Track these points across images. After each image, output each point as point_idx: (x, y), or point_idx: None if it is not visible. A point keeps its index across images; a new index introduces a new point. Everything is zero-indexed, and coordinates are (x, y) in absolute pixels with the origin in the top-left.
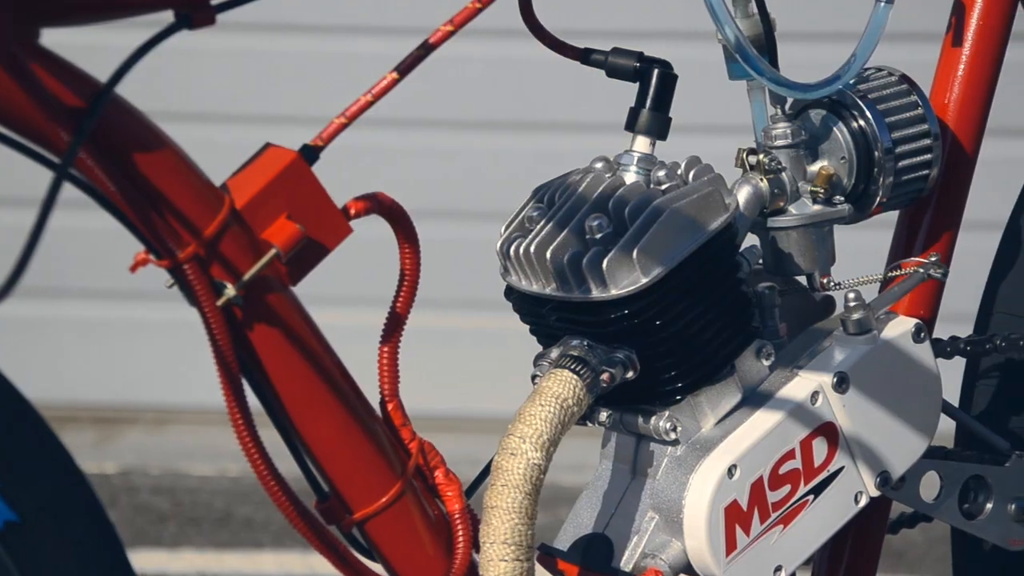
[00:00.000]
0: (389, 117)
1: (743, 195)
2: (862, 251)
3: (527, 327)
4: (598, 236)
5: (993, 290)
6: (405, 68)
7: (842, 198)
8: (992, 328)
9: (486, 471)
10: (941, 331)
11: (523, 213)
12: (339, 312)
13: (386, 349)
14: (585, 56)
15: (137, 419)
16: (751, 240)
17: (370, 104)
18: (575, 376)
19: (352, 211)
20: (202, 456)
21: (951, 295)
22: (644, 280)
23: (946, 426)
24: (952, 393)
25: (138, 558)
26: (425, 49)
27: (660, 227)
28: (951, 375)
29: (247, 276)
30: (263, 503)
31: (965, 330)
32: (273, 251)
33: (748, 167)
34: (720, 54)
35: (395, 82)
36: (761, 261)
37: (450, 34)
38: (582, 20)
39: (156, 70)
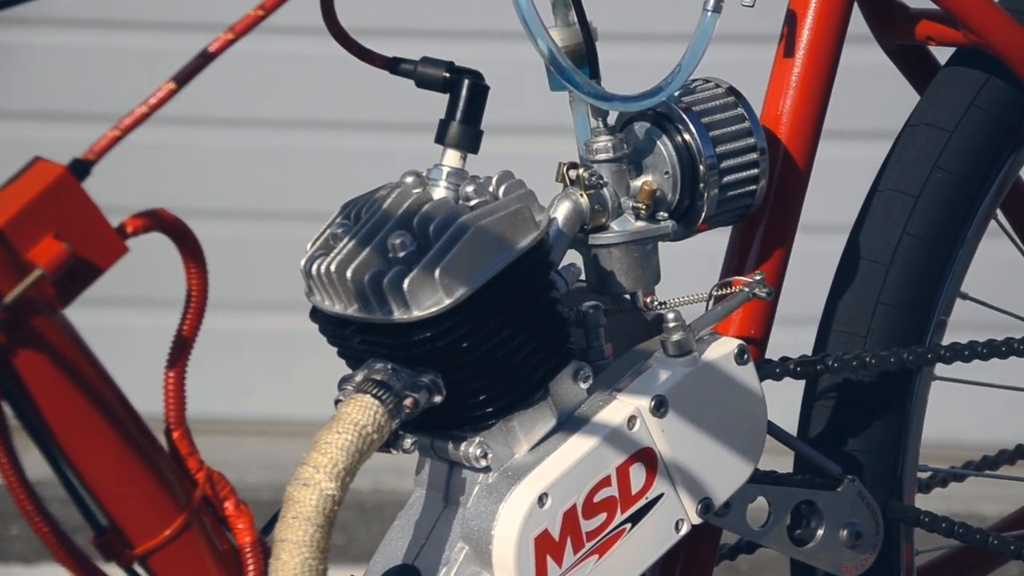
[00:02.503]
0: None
1: (562, 211)
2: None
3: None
4: (401, 254)
5: (832, 308)
6: (183, 78)
7: (666, 214)
8: (830, 347)
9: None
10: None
11: (329, 230)
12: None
13: (172, 374)
14: (393, 66)
15: None
16: (572, 258)
17: (146, 116)
18: (376, 401)
19: (129, 229)
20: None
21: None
22: (448, 301)
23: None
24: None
25: None
26: (204, 58)
27: (465, 245)
28: None
29: (9, 298)
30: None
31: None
32: (38, 272)
33: (568, 182)
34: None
35: (173, 92)
36: (584, 280)
37: (231, 42)
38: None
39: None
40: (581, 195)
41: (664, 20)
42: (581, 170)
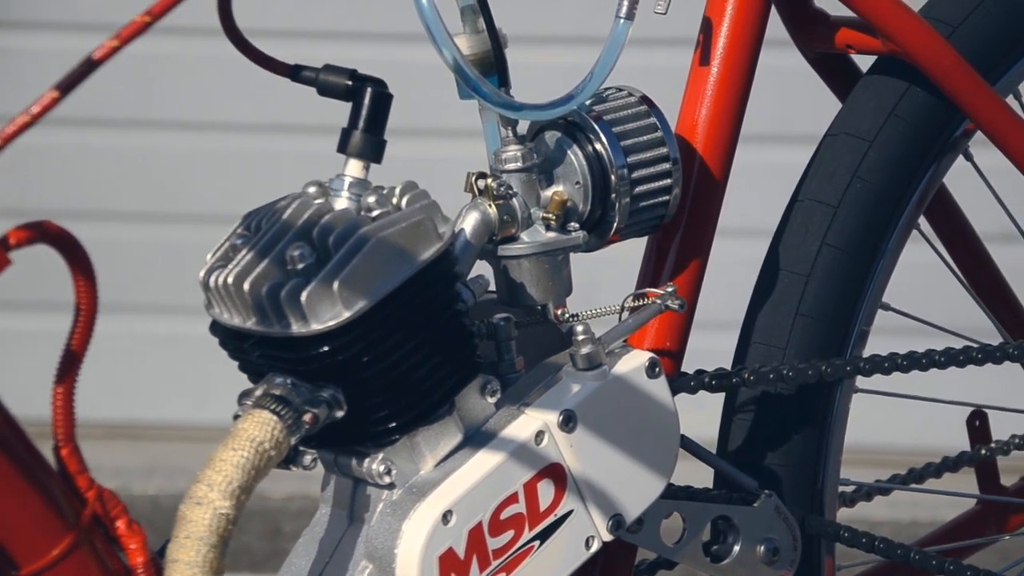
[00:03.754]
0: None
1: (469, 222)
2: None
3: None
4: (300, 266)
5: (751, 320)
6: (67, 86)
7: (577, 225)
8: (749, 359)
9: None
10: None
11: (228, 241)
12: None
13: (60, 390)
14: (295, 73)
15: None
16: (482, 269)
17: (28, 125)
18: (274, 417)
19: (12, 241)
20: None
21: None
22: (347, 314)
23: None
24: None
25: None
26: (89, 66)
27: (365, 257)
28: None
29: None
30: None
31: None
32: None
33: (477, 192)
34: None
35: (56, 101)
36: (496, 292)
37: (115, 50)
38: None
39: None
40: (490, 205)
41: (585, 23)
42: (490, 180)
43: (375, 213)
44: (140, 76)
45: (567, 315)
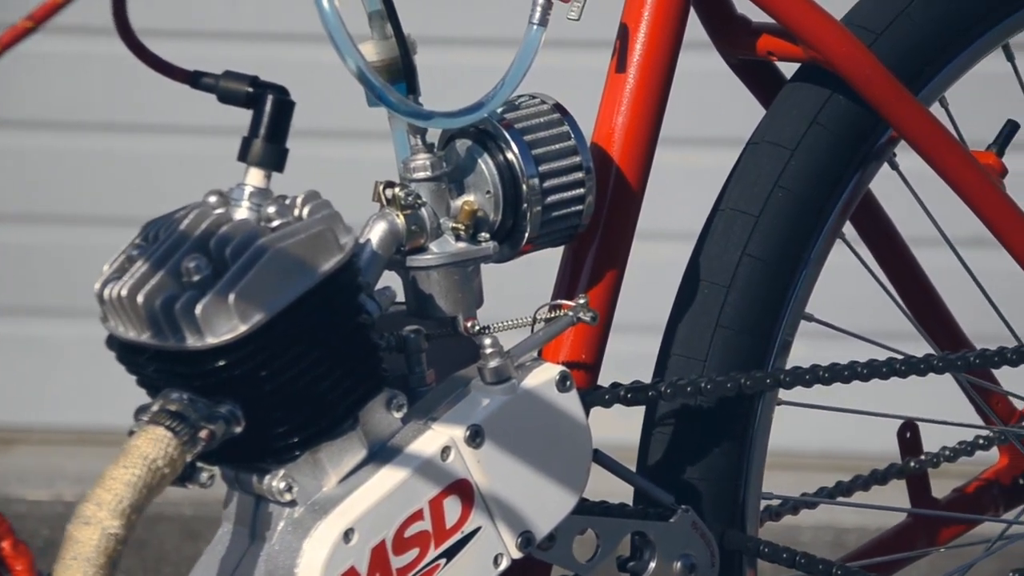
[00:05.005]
0: None
1: (376, 232)
2: None
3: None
4: (196, 278)
5: (671, 331)
6: None
7: (488, 235)
8: (669, 371)
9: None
10: None
11: (125, 252)
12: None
13: None
14: (194, 80)
15: None
16: (391, 280)
17: None
18: (169, 434)
19: None
20: (39, 480)
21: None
22: (243, 328)
23: None
24: None
25: None
26: None
27: (262, 269)
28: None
29: None
30: None
31: None
32: None
33: (385, 201)
34: None
35: None
36: (405, 304)
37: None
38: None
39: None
40: (397, 215)
41: (506, 23)
42: (397, 189)
43: (275, 224)
44: (40, 76)
45: (477, 327)
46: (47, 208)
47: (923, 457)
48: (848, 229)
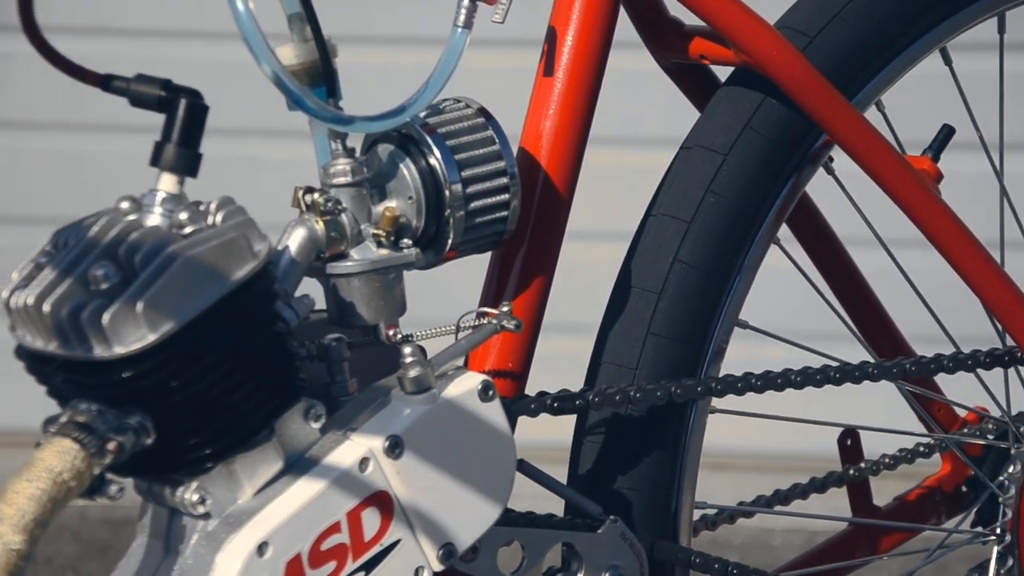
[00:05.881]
0: None
1: (295, 238)
2: None
3: None
4: (104, 287)
5: (602, 339)
6: None
7: (411, 241)
8: (600, 379)
9: None
10: None
11: (35, 259)
12: None
13: None
14: (105, 83)
15: None
16: (310, 288)
17: None
18: (76, 446)
19: None
20: None
21: None
22: (152, 337)
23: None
24: None
25: None
26: None
27: (172, 277)
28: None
29: None
30: None
31: None
32: None
33: (304, 207)
34: None
35: None
36: (327, 312)
37: None
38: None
39: None
40: (317, 221)
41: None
42: (317, 195)
43: (187, 230)
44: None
45: (400, 335)
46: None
47: (863, 465)
48: (786, 231)
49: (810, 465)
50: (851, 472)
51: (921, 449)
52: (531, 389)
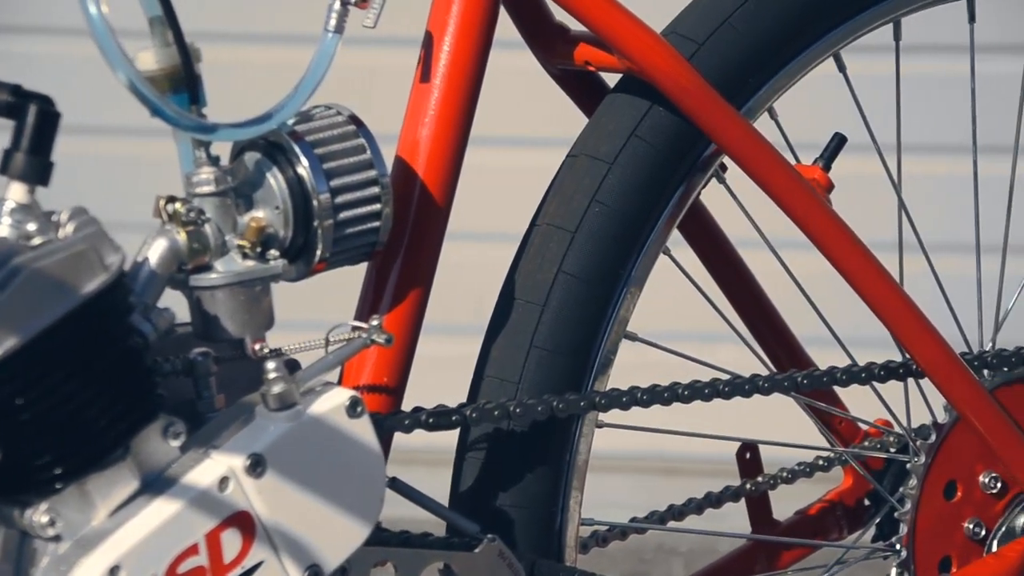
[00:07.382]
0: None
1: (155, 250)
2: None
3: None
4: None
5: (485, 352)
6: None
7: (278, 253)
8: (483, 393)
9: None
10: None
11: None
12: None
13: None
14: None
15: None
16: (172, 300)
17: None
18: None
19: None
20: None
21: None
22: None
23: None
24: None
25: None
26: None
27: (16, 291)
28: None
29: None
30: None
31: None
32: None
33: (166, 217)
34: None
35: None
36: (192, 325)
37: None
38: None
39: None
40: (178, 232)
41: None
42: (179, 204)
43: (35, 242)
44: None
45: (266, 350)
46: None
47: (761, 479)
48: (677, 235)
49: (721, 468)
50: (748, 487)
51: (821, 463)
52: (444, 391)
